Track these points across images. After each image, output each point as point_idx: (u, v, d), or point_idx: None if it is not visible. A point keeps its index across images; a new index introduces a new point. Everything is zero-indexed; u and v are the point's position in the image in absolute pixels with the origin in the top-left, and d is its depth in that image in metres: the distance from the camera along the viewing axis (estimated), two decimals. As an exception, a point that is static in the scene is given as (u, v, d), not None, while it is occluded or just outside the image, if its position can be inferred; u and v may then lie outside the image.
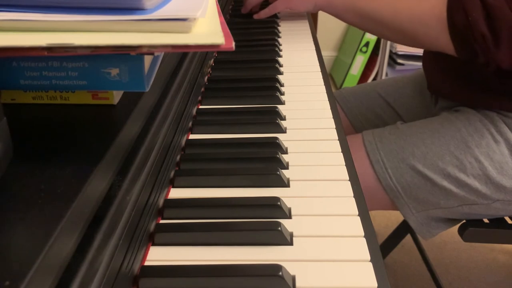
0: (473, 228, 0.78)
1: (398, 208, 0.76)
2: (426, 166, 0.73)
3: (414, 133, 0.77)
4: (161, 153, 0.46)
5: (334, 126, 0.61)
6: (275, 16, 1.08)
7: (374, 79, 2.28)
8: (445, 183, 0.73)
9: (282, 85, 0.73)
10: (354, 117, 1.00)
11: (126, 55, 0.36)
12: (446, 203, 0.75)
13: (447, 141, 0.74)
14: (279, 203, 0.45)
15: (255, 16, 1.04)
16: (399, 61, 2.22)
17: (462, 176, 0.72)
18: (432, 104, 0.93)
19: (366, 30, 0.89)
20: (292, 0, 0.97)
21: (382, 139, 0.77)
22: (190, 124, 0.61)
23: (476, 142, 0.73)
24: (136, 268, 0.38)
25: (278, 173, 0.49)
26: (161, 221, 0.45)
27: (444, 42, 0.71)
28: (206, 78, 0.75)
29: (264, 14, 1.03)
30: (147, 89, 0.38)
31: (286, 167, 0.52)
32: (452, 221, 0.80)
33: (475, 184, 0.72)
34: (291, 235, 0.42)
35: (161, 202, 0.46)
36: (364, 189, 0.50)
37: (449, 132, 0.75)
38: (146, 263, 0.40)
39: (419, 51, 2.23)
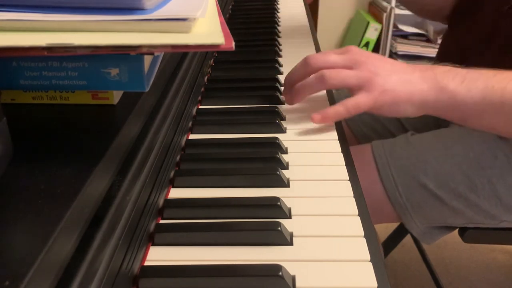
0: (474, 230, 0.77)
1: (403, 221, 0.75)
2: (437, 185, 0.71)
3: (426, 149, 0.74)
4: (161, 153, 0.46)
5: (334, 126, 0.61)
6: (275, 15, 1.08)
7: (374, 79, 2.28)
8: (455, 203, 0.71)
9: (282, 85, 0.73)
10: (354, 123, 0.96)
11: (126, 55, 0.36)
12: (453, 221, 0.75)
13: (459, 160, 0.72)
14: (279, 203, 0.45)
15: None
16: (399, 61, 2.22)
17: (472, 197, 0.71)
18: None
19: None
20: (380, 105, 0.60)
21: (393, 154, 0.74)
22: (190, 124, 0.61)
23: (489, 162, 0.71)
24: (136, 268, 0.38)
25: (278, 173, 0.49)
26: (161, 221, 0.45)
27: None
28: (206, 78, 0.75)
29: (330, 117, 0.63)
30: (147, 89, 0.38)
31: (286, 167, 0.52)
32: (454, 227, 0.79)
33: (485, 205, 0.71)
34: (291, 235, 0.42)
35: (161, 202, 0.46)
36: (371, 203, 0.48)
37: (462, 150, 0.72)
38: (146, 263, 0.40)
39: (420, 51, 2.23)
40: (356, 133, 0.97)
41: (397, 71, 0.61)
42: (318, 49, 0.89)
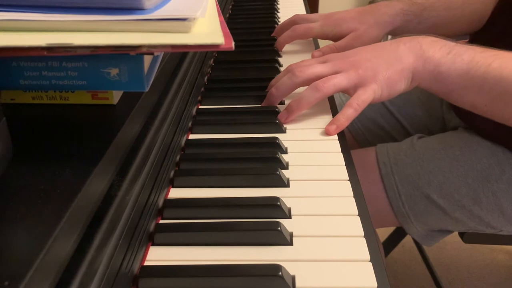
0: (473, 231, 0.77)
1: (403, 226, 0.74)
2: (441, 196, 0.70)
3: (432, 159, 0.72)
4: (161, 153, 0.46)
5: (334, 126, 0.61)
6: (275, 15, 1.08)
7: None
8: (458, 214, 0.71)
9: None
10: (355, 128, 0.94)
11: (126, 55, 0.36)
12: (455, 228, 0.75)
13: (465, 172, 0.70)
14: (279, 203, 0.45)
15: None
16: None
17: (476, 209, 0.70)
18: (441, 111, 0.89)
19: (496, 116, 0.60)
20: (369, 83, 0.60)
21: (398, 162, 0.73)
22: (190, 124, 0.61)
23: (496, 176, 0.69)
24: (136, 268, 0.38)
25: (277, 173, 0.49)
26: (161, 221, 0.45)
27: None
28: (206, 78, 0.75)
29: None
30: (147, 89, 0.38)
31: (286, 167, 0.52)
32: None
33: (488, 217, 0.70)
34: (291, 235, 0.42)
35: (160, 202, 0.46)
36: (373, 210, 0.47)
37: (469, 161, 0.71)
38: (146, 263, 0.40)
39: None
40: (357, 138, 0.95)
41: (380, 55, 0.61)
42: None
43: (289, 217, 0.45)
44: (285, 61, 0.82)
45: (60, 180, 0.30)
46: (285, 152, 0.55)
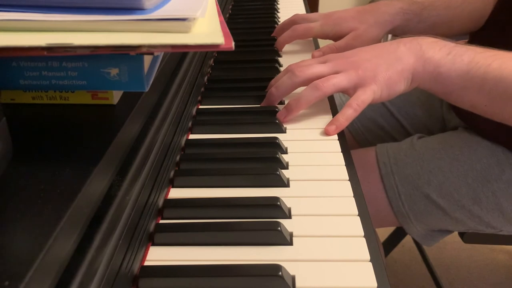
0: (473, 231, 0.77)
1: (403, 226, 0.75)
2: (441, 196, 0.70)
3: (432, 159, 0.72)
4: (161, 153, 0.46)
5: (334, 126, 0.61)
6: (275, 15, 1.08)
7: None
8: (457, 214, 0.71)
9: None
10: (355, 128, 0.94)
11: (126, 55, 0.36)
12: (454, 228, 0.75)
13: (465, 172, 0.70)
14: (279, 203, 0.45)
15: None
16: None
17: (475, 209, 0.70)
18: (441, 111, 0.89)
19: (496, 116, 0.60)
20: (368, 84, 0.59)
21: (398, 162, 0.73)
22: (190, 124, 0.61)
23: (496, 176, 0.69)
24: (136, 268, 0.38)
25: (277, 173, 0.49)
26: (161, 221, 0.45)
27: None
28: (206, 78, 0.75)
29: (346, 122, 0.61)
30: (147, 89, 0.38)
31: (286, 167, 0.52)
32: None
33: (488, 217, 0.70)
34: (291, 235, 0.42)
35: (160, 202, 0.46)
36: (373, 209, 0.46)
37: (468, 161, 0.71)
38: (146, 263, 0.40)
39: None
40: (357, 138, 0.95)
41: (380, 55, 0.61)
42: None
43: (289, 217, 0.45)
44: (285, 61, 0.82)
45: (60, 180, 0.30)
46: (285, 152, 0.55)
